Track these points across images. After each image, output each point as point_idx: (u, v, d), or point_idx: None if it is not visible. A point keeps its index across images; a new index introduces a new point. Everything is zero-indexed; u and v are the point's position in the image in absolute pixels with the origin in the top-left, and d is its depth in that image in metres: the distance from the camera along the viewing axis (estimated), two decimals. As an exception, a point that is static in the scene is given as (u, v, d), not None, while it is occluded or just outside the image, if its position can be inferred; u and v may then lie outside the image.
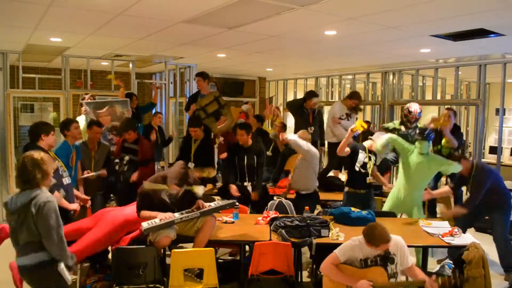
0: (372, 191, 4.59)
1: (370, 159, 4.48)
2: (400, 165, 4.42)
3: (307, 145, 4.46)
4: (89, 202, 4.20)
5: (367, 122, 8.70)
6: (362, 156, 4.46)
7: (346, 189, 4.56)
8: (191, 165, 4.98)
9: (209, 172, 4.99)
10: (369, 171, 4.46)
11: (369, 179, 4.46)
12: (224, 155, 6.33)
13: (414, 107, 5.31)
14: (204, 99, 5.70)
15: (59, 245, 2.45)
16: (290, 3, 3.62)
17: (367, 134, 6.27)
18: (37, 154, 2.53)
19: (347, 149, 4.43)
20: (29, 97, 8.24)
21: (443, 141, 5.14)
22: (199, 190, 3.52)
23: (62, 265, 2.50)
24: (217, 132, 5.86)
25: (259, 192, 4.59)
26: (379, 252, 2.91)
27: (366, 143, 4.54)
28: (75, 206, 3.67)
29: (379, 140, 4.45)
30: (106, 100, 6.39)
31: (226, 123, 5.79)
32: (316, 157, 4.56)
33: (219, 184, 5.47)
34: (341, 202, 4.71)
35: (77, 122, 4.46)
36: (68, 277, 2.54)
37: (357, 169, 4.45)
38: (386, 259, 2.94)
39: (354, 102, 6.12)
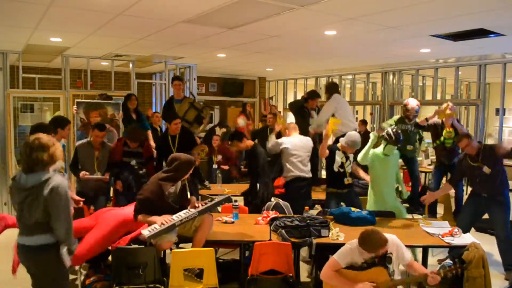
0: (353, 190, 4.60)
1: (347, 159, 4.47)
2: (374, 174, 4.39)
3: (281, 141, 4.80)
4: (81, 203, 4.16)
5: (363, 121, 8.75)
6: (338, 157, 4.45)
7: (328, 189, 4.57)
8: None
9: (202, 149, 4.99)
10: (347, 170, 4.46)
11: (347, 180, 4.45)
12: (226, 167, 6.42)
13: (412, 103, 5.38)
14: (181, 108, 5.75)
15: (68, 228, 2.49)
16: (290, 3, 3.62)
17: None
18: (45, 137, 2.53)
19: (327, 151, 4.53)
20: (29, 97, 8.24)
21: (444, 132, 5.12)
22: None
23: (64, 249, 2.53)
24: (201, 131, 6.01)
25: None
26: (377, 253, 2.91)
27: (339, 144, 4.53)
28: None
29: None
30: (98, 101, 6.38)
31: (205, 122, 5.95)
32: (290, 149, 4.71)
33: (207, 184, 5.49)
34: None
35: (69, 122, 4.36)
36: (68, 261, 2.57)
37: (336, 169, 4.45)
38: (383, 259, 2.92)
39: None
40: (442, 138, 5.15)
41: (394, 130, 4.25)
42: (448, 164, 5.29)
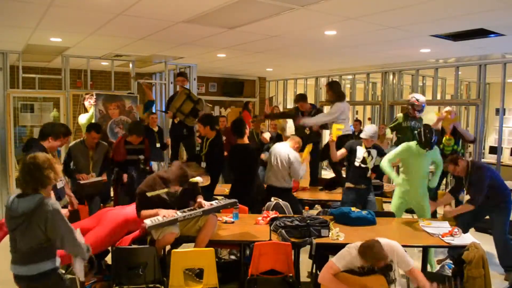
0: (371, 186, 4.66)
1: (369, 154, 4.52)
2: (405, 166, 4.41)
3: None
4: (77, 203, 4.16)
5: (357, 120, 8.75)
6: (360, 152, 4.53)
7: (347, 184, 4.62)
8: (203, 164, 4.79)
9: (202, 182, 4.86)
10: (369, 165, 4.51)
11: (370, 174, 4.54)
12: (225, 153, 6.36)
13: (421, 97, 5.45)
14: (177, 100, 5.77)
15: (74, 245, 2.45)
16: (290, 3, 3.62)
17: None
18: (42, 157, 2.44)
19: (342, 152, 4.59)
20: (29, 97, 8.24)
21: (444, 139, 5.12)
22: (198, 180, 3.53)
23: (77, 263, 2.51)
24: (195, 124, 5.99)
25: None
26: None
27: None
28: (64, 210, 3.66)
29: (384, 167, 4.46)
30: (115, 94, 6.57)
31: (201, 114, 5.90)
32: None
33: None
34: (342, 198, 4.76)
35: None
36: (82, 276, 2.58)
37: (357, 164, 4.52)
38: (384, 267, 2.90)
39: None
40: (441, 145, 5.15)
41: (426, 130, 4.15)
42: (446, 171, 5.30)
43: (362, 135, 4.59)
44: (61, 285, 2.47)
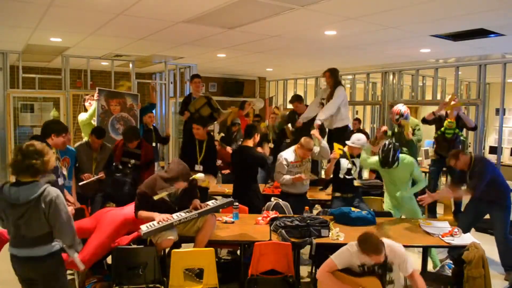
0: (360, 193, 4.55)
1: (354, 164, 4.46)
2: (384, 179, 4.46)
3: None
4: (76, 206, 4.15)
5: (356, 119, 8.79)
6: (345, 163, 4.45)
7: (334, 193, 4.56)
8: (198, 167, 4.75)
9: (209, 182, 4.81)
10: (355, 175, 4.45)
11: (357, 182, 4.46)
12: (227, 171, 6.41)
13: (395, 108, 5.46)
14: (197, 102, 5.78)
15: (72, 235, 2.52)
16: (290, 3, 3.62)
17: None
18: (39, 144, 2.48)
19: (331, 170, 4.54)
20: (29, 97, 8.24)
21: (446, 122, 5.10)
22: (200, 177, 3.53)
23: (74, 254, 2.56)
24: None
25: None
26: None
27: (346, 148, 4.52)
28: (69, 208, 3.67)
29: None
30: (117, 91, 6.68)
31: (221, 118, 5.97)
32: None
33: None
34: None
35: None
36: (81, 265, 2.67)
37: (341, 176, 4.44)
38: (384, 267, 2.89)
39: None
40: (443, 129, 5.13)
41: (390, 147, 4.09)
42: (446, 157, 5.26)
43: (355, 144, 4.39)
44: (61, 266, 2.57)
